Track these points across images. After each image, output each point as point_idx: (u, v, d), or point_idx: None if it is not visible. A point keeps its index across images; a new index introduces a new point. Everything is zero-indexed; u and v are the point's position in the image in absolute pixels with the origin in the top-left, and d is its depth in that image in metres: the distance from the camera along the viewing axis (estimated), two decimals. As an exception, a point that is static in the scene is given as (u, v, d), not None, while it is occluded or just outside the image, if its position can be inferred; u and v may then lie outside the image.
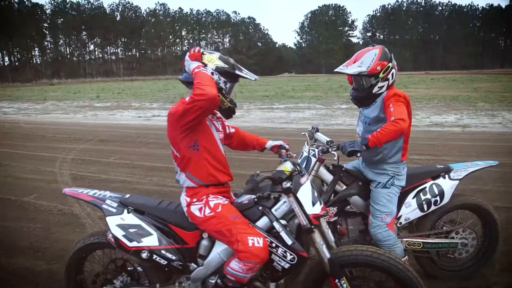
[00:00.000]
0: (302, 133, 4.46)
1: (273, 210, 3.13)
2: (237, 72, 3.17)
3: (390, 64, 3.70)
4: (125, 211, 3.35)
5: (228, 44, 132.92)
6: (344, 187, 3.98)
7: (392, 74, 3.73)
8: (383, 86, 3.71)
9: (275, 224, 3.07)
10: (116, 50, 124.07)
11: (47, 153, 11.12)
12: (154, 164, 9.47)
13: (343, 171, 4.03)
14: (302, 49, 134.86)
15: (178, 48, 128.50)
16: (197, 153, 3.13)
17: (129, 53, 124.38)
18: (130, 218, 3.31)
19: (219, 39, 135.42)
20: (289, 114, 18.82)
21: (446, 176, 4.03)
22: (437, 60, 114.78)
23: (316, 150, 3.93)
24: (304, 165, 4.00)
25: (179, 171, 3.23)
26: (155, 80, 77.72)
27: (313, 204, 3.05)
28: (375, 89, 3.71)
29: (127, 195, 3.50)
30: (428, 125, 14.33)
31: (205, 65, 3.12)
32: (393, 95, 3.61)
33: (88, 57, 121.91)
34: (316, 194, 3.13)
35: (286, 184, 3.02)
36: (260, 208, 3.15)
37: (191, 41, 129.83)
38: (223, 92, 3.20)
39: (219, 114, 3.43)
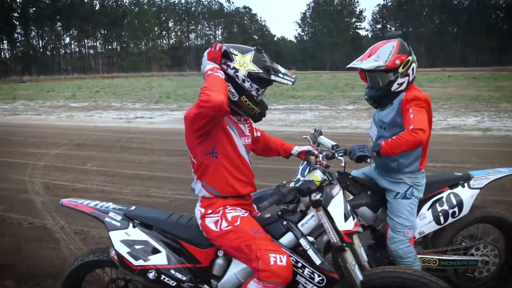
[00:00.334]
0: (303, 137, 4.45)
1: (299, 225, 3.11)
2: (273, 77, 3.10)
3: (410, 58, 3.68)
4: (131, 225, 3.34)
5: (220, 37, 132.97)
6: (351, 197, 3.98)
7: (413, 69, 3.70)
8: (403, 83, 3.67)
9: (302, 241, 3.05)
10: (95, 43, 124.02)
11: (16, 159, 11.11)
12: (137, 172, 9.47)
13: (350, 179, 4.03)
14: (304, 43, 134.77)
15: (164, 42, 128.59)
16: (215, 160, 3.12)
17: (109, 47, 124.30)
18: (136, 233, 3.30)
19: (211, 31, 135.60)
20: (289, 116, 18.86)
21: (465, 184, 4.03)
22: (455, 55, 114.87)
23: (320, 155, 3.91)
24: (306, 173, 3.99)
25: (195, 179, 3.22)
26: (138, 77, 77.57)
27: (346, 219, 3.02)
28: (394, 86, 3.68)
29: (133, 207, 3.49)
30: (445, 129, 14.38)
31: (236, 70, 3.05)
32: (413, 98, 3.58)
33: (63, 51, 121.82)
34: (349, 208, 3.11)
35: (316, 196, 2.99)
36: (285, 223, 3.12)
37: (178, 33, 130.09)
38: (254, 99, 3.16)
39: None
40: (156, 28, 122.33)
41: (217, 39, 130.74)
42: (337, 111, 19.89)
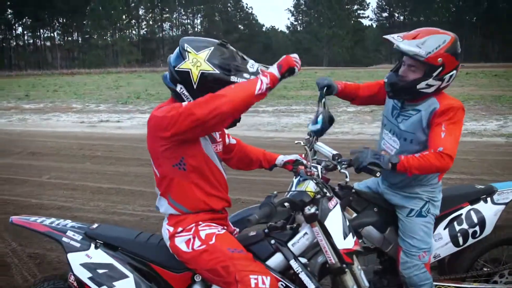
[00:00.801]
0: (296, 142, 4.37)
1: (289, 244, 3.12)
2: (233, 79, 3.04)
3: (456, 63, 3.59)
4: (93, 246, 3.32)
5: (200, 27, 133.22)
6: (354, 214, 3.96)
7: (451, 76, 3.61)
8: (432, 86, 3.59)
9: (293, 263, 3.07)
10: (52, 34, 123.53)
11: (-42, 170, 11.01)
12: (102, 185, 9.44)
13: (353, 194, 4.01)
14: (297, 34, 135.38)
15: (133, 32, 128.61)
16: (183, 173, 3.11)
17: (69, 38, 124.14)
18: (99, 255, 3.28)
19: (188, 20, 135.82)
20: (280, 119, 18.89)
21: (488, 199, 4.04)
22: (473, 49, 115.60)
23: (319, 166, 3.83)
24: (295, 186, 3.95)
25: (159, 195, 3.22)
26: (103, 73, 77.26)
27: (345, 236, 3.04)
28: (422, 85, 3.59)
29: (95, 225, 3.47)
30: (462, 135, 14.22)
31: (187, 71, 3.03)
32: (448, 108, 3.52)
33: (14, 43, 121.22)
34: (348, 223, 3.11)
35: (310, 210, 3.00)
36: (273, 242, 3.14)
37: (150, 22, 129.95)
38: None
39: None
40: (124, 17, 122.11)
41: (196, 29, 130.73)
42: (336, 114, 19.92)
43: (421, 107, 3.65)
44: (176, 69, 3.05)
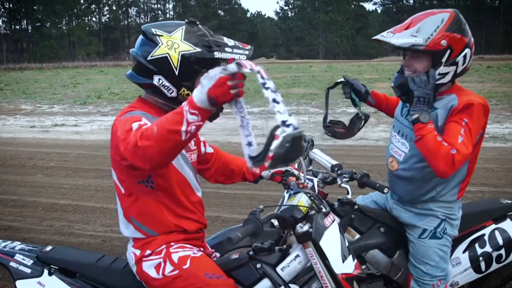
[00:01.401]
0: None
1: (278, 268, 3.11)
2: (217, 54, 3.06)
3: (464, 40, 3.54)
4: (46, 272, 3.29)
5: (172, 13, 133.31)
6: (357, 236, 3.92)
7: (464, 56, 3.53)
8: (446, 73, 3.54)
9: None
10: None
11: None
12: (56, 201, 9.42)
13: (356, 211, 3.94)
14: (288, 21, 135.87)
15: (93, 20, 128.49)
16: (149, 191, 3.09)
17: (17, 27, 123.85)
18: (52, 283, 3.25)
19: (159, 5, 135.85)
20: (268, 122, 18.89)
21: (516, 217, 4.04)
22: (496, 38, 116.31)
23: (315, 179, 3.81)
24: (286, 200, 3.92)
25: (122, 215, 3.19)
26: (57, 68, 77.13)
27: (344, 259, 3.04)
28: None
29: (48, 248, 3.43)
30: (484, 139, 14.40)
31: (165, 56, 3.02)
32: (469, 105, 3.46)
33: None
34: (346, 244, 3.11)
35: (302, 228, 2.99)
36: (259, 266, 3.13)
37: (113, 7, 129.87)
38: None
39: None
40: (82, 1, 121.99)
41: (168, 15, 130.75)
42: (334, 116, 19.94)
43: (438, 104, 3.61)
44: (149, 58, 3.04)
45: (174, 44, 3.03)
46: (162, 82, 3.05)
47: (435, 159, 3.32)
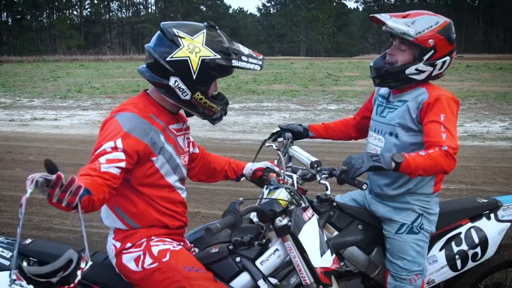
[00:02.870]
0: (267, 145, 4.39)
1: (257, 262, 3.13)
2: (235, 63, 3.12)
3: (449, 47, 3.67)
4: (25, 264, 3.23)
5: (153, 8, 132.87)
6: (336, 233, 3.91)
7: (443, 63, 3.67)
8: (422, 72, 3.65)
9: (261, 283, 3.08)
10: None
11: None
12: (35, 196, 9.13)
13: (335, 208, 3.94)
14: (270, 18, 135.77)
15: (74, 13, 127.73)
16: (133, 188, 3.13)
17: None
18: None
19: (141, 0, 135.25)
20: (248, 118, 18.99)
21: (492, 215, 4.06)
22: (475, 37, 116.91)
23: (294, 175, 3.82)
24: (266, 195, 3.92)
25: (105, 205, 3.16)
26: (38, 62, 76.56)
27: (322, 253, 3.05)
28: (410, 70, 3.64)
29: (28, 241, 3.42)
30: (461, 137, 14.51)
31: (185, 59, 3.04)
32: (439, 99, 3.55)
33: None
34: (325, 239, 3.12)
35: (282, 221, 3.01)
36: (238, 259, 3.15)
37: (95, 1, 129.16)
38: (210, 95, 3.20)
39: (188, 121, 3.44)
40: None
41: (150, 10, 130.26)
42: (315, 113, 20.05)
43: (407, 97, 3.72)
44: (168, 59, 3.05)
45: (195, 48, 3.05)
46: (178, 84, 3.07)
47: (437, 168, 3.35)
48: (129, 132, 2.94)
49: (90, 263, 2.62)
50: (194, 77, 3.05)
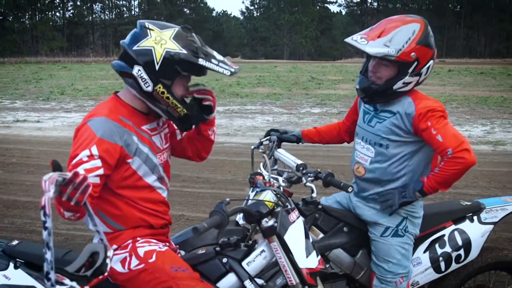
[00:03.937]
0: (252, 148, 4.39)
1: (244, 263, 3.14)
2: (202, 62, 3.11)
3: (430, 53, 3.67)
4: (12, 265, 3.28)
5: (137, 10, 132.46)
6: (321, 235, 3.94)
7: (428, 68, 3.68)
8: (410, 83, 3.65)
9: (248, 284, 3.09)
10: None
11: None
12: (18, 198, 9.33)
13: (320, 211, 3.97)
14: (254, 21, 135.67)
15: (57, 14, 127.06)
16: (113, 192, 3.13)
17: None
18: (19, 276, 3.24)
19: (124, 2, 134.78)
20: (232, 121, 18.94)
21: (475, 218, 4.09)
22: (457, 42, 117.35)
23: (280, 178, 3.85)
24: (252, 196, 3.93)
25: None
26: (20, 63, 76.13)
27: (308, 254, 3.06)
28: (398, 85, 3.64)
29: (15, 242, 3.43)
30: (444, 141, 14.53)
31: (149, 48, 3.06)
32: (429, 109, 3.58)
33: None
34: (311, 240, 3.13)
35: (268, 222, 3.02)
36: (225, 260, 3.17)
37: (78, 3, 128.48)
38: (174, 94, 3.18)
39: (164, 119, 3.42)
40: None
41: (133, 12, 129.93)
42: (299, 116, 20.04)
43: (394, 108, 3.73)
44: (134, 48, 3.08)
45: (162, 40, 3.07)
46: (141, 73, 3.07)
47: (456, 175, 3.50)
48: (102, 138, 2.95)
49: (112, 251, 2.62)
50: (157, 67, 3.05)
